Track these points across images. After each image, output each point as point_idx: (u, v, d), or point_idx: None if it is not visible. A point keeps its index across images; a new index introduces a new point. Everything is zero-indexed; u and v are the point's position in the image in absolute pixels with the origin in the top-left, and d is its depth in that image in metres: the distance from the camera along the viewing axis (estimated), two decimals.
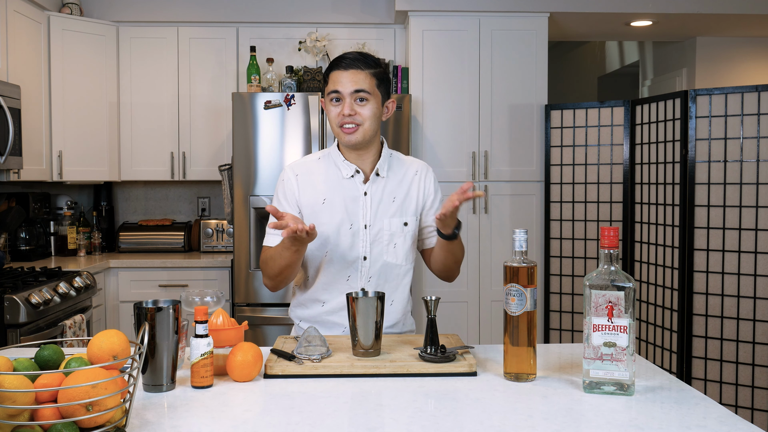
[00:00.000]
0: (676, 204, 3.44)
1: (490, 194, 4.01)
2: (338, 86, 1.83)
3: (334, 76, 1.85)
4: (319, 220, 1.88)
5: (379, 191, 1.91)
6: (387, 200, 1.91)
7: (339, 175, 1.91)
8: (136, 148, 4.17)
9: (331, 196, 1.89)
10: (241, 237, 3.70)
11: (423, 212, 1.97)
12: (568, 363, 1.67)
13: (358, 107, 1.84)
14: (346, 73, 1.83)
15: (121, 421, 1.18)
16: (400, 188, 1.93)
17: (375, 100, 1.85)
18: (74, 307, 3.23)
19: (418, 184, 1.96)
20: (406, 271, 1.96)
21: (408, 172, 1.96)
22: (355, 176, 1.90)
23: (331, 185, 1.91)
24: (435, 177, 2.01)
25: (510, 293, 1.52)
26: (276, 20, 4.21)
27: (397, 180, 1.94)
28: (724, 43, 4.72)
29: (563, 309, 4.03)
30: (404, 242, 1.93)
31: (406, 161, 2.00)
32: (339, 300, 1.91)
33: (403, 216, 1.92)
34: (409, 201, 1.94)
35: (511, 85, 4.02)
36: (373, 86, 1.85)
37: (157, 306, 1.45)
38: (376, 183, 1.91)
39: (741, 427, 1.24)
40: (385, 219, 1.90)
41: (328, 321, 1.94)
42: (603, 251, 1.43)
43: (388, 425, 1.25)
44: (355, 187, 1.90)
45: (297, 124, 3.70)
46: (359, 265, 1.90)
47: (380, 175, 1.92)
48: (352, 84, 1.82)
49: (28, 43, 3.61)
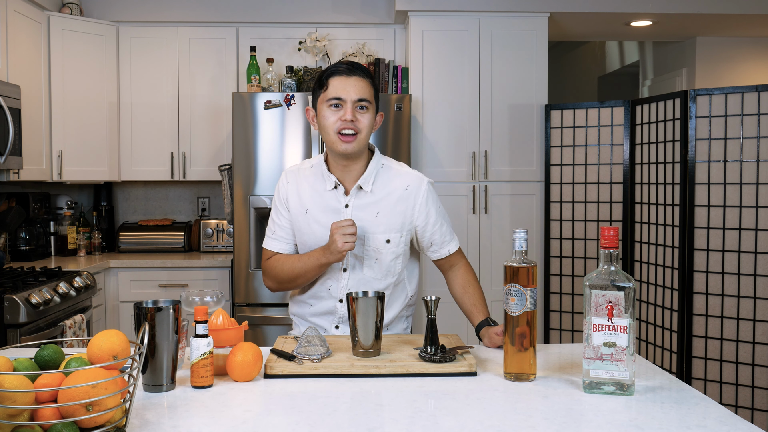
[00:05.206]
0: (676, 204, 3.44)
1: (490, 194, 4.01)
2: (341, 93, 1.79)
3: (335, 83, 1.80)
4: (302, 230, 1.90)
5: (361, 205, 1.87)
6: (370, 215, 1.86)
7: (323, 186, 1.89)
8: (136, 148, 4.17)
9: (313, 208, 1.89)
10: (241, 237, 3.70)
11: (419, 230, 1.92)
12: (568, 363, 1.67)
13: (359, 115, 1.81)
14: (350, 80, 1.80)
15: (121, 421, 1.18)
16: (385, 203, 1.88)
17: (372, 110, 1.84)
18: (74, 307, 3.23)
19: (407, 202, 1.89)
20: (387, 285, 1.92)
21: (398, 187, 1.89)
22: (338, 188, 1.88)
23: (315, 196, 1.90)
24: (429, 190, 1.92)
25: (510, 293, 1.52)
26: (276, 20, 4.21)
27: (383, 194, 1.88)
28: (724, 43, 4.72)
29: (563, 309, 4.03)
30: (387, 258, 1.89)
31: (400, 174, 1.92)
32: (322, 305, 1.96)
33: (387, 233, 1.87)
34: (393, 217, 1.87)
35: (511, 85, 4.01)
36: (373, 97, 1.84)
37: (157, 306, 1.45)
38: (359, 196, 1.88)
39: (741, 427, 1.24)
40: (368, 234, 1.86)
41: (315, 323, 1.99)
42: (603, 251, 1.43)
43: (388, 425, 1.25)
44: (337, 199, 1.88)
45: (297, 124, 3.71)
46: (339, 276, 1.91)
47: (363, 188, 1.87)
48: (356, 92, 1.79)
49: (28, 43, 3.61)
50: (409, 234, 1.92)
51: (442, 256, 1.97)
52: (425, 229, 1.92)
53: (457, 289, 1.98)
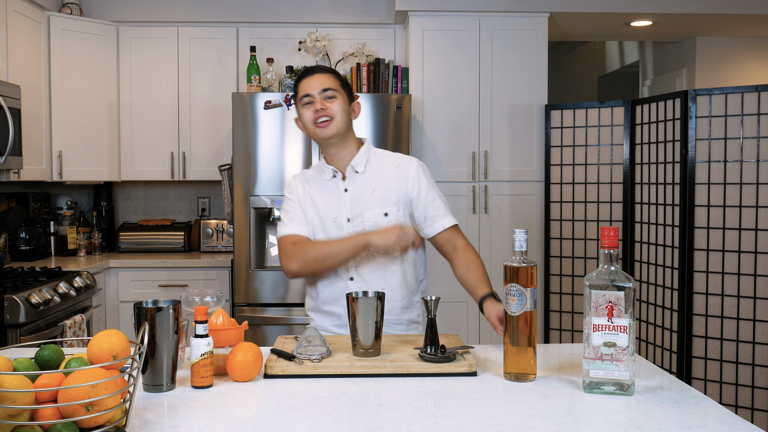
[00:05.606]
0: (676, 204, 3.44)
1: (490, 194, 4.01)
2: (308, 89, 2.01)
3: (302, 84, 2.03)
4: (309, 217, 2.06)
5: (358, 186, 2.04)
6: (366, 193, 2.03)
7: (324, 178, 2.08)
8: (136, 148, 4.17)
9: (318, 196, 2.07)
10: (241, 237, 3.70)
11: (413, 204, 2.05)
12: (568, 363, 1.67)
13: (328, 103, 2.00)
14: (313, 78, 2.02)
15: (121, 421, 1.18)
16: (379, 181, 2.04)
17: (342, 97, 2.03)
18: (74, 307, 3.23)
19: (399, 178, 2.05)
20: (391, 260, 2.04)
21: (390, 165, 2.08)
22: (335, 176, 2.06)
23: (318, 187, 2.08)
24: (420, 168, 2.07)
25: (510, 293, 1.52)
26: (276, 20, 4.21)
27: (377, 173, 2.05)
28: (724, 43, 4.72)
29: (563, 309, 4.03)
30: None
31: (391, 157, 2.11)
32: (331, 290, 2.04)
33: (384, 207, 2.02)
34: (388, 192, 2.03)
35: (511, 85, 4.02)
36: (338, 86, 2.04)
37: (157, 306, 1.45)
38: (354, 179, 2.05)
39: (741, 427, 1.24)
40: (366, 211, 2.02)
41: (325, 311, 2.08)
42: (603, 251, 1.43)
43: (388, 425, 1.25)
44: (337, 186, 2.06)
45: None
46: None
47: (358, 171, 2.05)
48: (319, 84, 2.01)
49: (28, 43, 3.61)
50: (407, 208, 2.05)
51: (437, 231, 2.05)
52: (419, 202, 2.05)
53: (460, 270, 2.05)
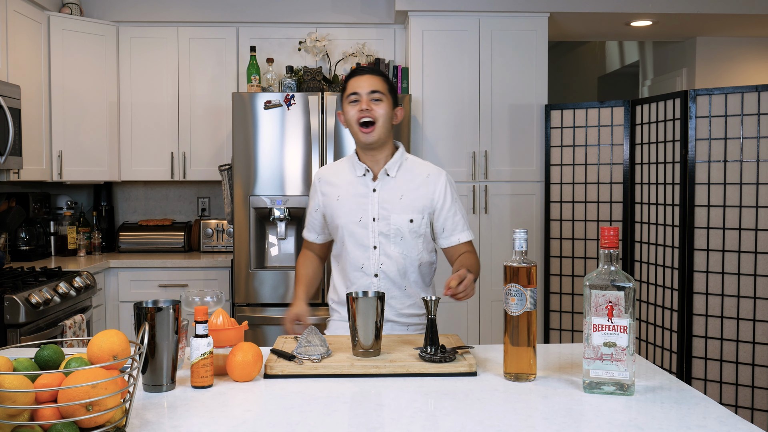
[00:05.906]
0: (676, 204, 3.44)
1: (490, 194, 4.01)
2: (357, 89, 2.07)
3: (352, 82, 2.09)
4: (335, 213, 2.14)
5: (387, 189, 2.11)
6: (395, 197, 2.10)
7: (354, 174, 2.15)
8: (136, 148, 4.17)
9: (345, 193, 2.14)
10: (241, 237, 3.70)
11: (435, 214, 2.12)
12: (568, 363, 1.67)
13: (374, 105, 2.06)
14: (363, 77, 2.09)
15: (121, 421, 1.18)
16: (408, 187, 2.11)
17: (387, 102, 2.09)
18: (74, 307, 3.23)
19: (428, 187, 2.12)
20: (413, 260, 2.12)
21: (420, 174, 2.14)
22: (366, 175, 2.12)
23: (346, 183, 2.15)
24: (448, 182, 2.15)
25: (510, 293, 1.52)
26: (276, 20, 4.21)
27: (406, 180, 2.12)
28: (724, 43, 4.71)
29: (563, 309, 4.03)
30: (410, 236, 2.10)
31: (422, 165, 2.17)
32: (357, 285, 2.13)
33: (410, 213, 2.09)
34: (416, 200, 2.10)
35: (511, 85, 4.01)
36: (386, 90, 2.10)
37: (157, 306, 1.45)
38: (385, 181, 2.11)
39: (741, 427, 1.24)
40: (393, 214, 2.09)
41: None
42: (603, 251, 1.43)
43: (388, 425, 1.25)
44: (365, 185, 2.12)
45: (297, 124, 3.70)
46: (370, 254, 2.11)
47: (390, 174, 2.11)
48: (368, 85, 2.07)
49: (28, 43, 3.61)
50: (429, 217, 2.12)
51: (451, 244, 2.13)
52: (440, 213, 2.12)
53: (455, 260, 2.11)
